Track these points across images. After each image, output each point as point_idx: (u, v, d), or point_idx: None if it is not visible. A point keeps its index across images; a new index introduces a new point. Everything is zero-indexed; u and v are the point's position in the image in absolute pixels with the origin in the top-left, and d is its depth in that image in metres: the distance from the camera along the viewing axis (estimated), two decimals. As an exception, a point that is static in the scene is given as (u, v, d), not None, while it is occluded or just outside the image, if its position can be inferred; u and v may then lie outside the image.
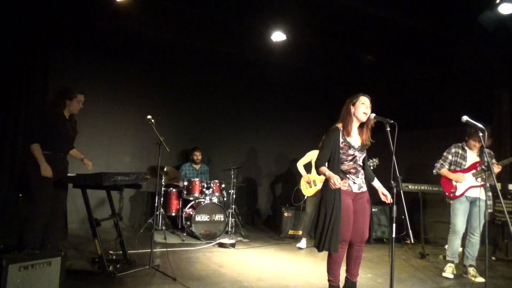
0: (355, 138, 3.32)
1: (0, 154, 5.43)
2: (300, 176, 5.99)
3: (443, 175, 4.56)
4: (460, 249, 4.62)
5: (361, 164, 3.35)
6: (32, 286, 2.80)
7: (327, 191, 3.23)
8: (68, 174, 3.93)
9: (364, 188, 3.35)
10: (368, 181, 3.42)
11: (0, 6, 5.11)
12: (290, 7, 5.28)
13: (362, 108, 3.24)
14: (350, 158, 3.27)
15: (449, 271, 4.39)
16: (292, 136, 8.21)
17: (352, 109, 3.28)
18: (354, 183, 3.28)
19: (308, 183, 5.83)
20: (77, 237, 5.56)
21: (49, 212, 3.87)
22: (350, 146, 3.25)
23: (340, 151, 3.25)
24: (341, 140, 3.25)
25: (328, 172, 3.15)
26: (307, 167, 5.98)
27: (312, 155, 5.94)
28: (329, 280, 3.34)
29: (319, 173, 3.25)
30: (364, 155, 3.37)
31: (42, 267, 2.88)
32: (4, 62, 5.48)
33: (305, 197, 5.93)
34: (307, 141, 7.18)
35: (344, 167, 3.27)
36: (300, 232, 6.18)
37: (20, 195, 4.61)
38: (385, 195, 3.24)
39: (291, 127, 8.25)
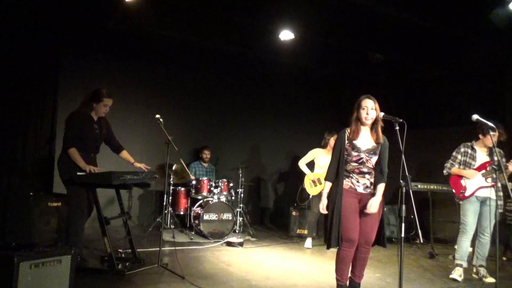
0: (363, 141, 3.29)
1: (11, 152, 5.51)
2: (303, 175, 5.97)
3: (455, 173, 4.50)
4: (470, 249, 4.57)
5: (372, 167, 3.29)
6: (42, 284, 2.83)
7: (330, 191, 3.33)
8: (78, 173, 3.97)
9: (373, 190, 3.31)
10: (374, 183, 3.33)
11: (12, 5, 5.18)
12: (299, 5, 5.27)
13: (363, 113, 3.25)
14: (355, 159, 3.27)
15: (457, 274, 4.31)
16: (300, 135, 8.19)
17: (356, 114, 3.31)
18: (358, 182, 3.27)
19: (313, 182, 5.81)
20: (87, 235, 5.58)
21: (86, 212, 4.03)
22: (354, 148, 3.26)
23: (345, 152, 3.28)
24: (346, 141, 3.29)
25: (324, 195, 3.33)
26: (310, 166, 5.96)
27: (314, 154, 5.91)
28: (337, 279, 3.34)
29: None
30: (376, 158, 3.29)
31: (53, 264, 2.91)
32: (16, 61, 5.55)
33: (310, 196, 5.91)
34: (315, 139, 7.12)
35: (349, 167, 3.30)
36: (306, 231, 6.16)
37: (31, 193, 4.66)
38: (368, 208, 3.20)
39: (299, 126, 8.23)
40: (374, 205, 3.19)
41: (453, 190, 4.53)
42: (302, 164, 5.95)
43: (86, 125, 4.11)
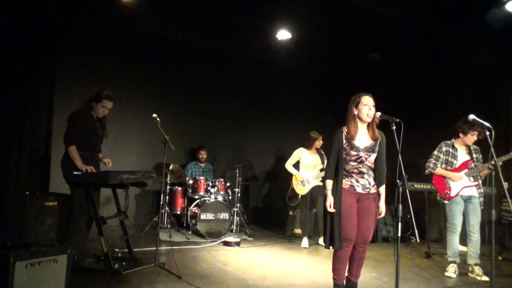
0: (361, 139, 3.29)
1: (7, 151, 5.48)
2: (291, 176, 5.98)
3: (439, 174, 4.52)
4: (464, 248, 4.61)
5: (370, 165, 3.30)
6: (38, 283, 2.82)
7: (331, 191, 3.32)
8: (74, 173, 3.96)
9: (372, 190, 3.31)
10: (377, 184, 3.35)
11: (8, 4, 5.15)
12: (296, 5, 5.27)
13: (365, 110, 3.23)
14: (354, 158, 3.27)
15: (451, 271, 4.39)
16: (298, 134, 8.17)
17: (355, 111, 3.27)
18: (358, 182, 3.28)
19: (301, 181, 5.82)
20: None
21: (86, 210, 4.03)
22: (352, 147, 3.25)
23: (344, 151, 3.28)
24: (344, 141, 3.27)
25: (329, 192, 3.31)
26: (296, 166, 5.99)
27: (299, 154, 5.93)
28: (333, 279, 3.35)
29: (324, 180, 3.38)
30: (375, 155, 3.30)
31: (49, 264, 2.90)
32: (12, 60, 5.52)
33: (299, 196, 5.91)
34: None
35: (348, 166, 3.28)
36: (300, 231, 6.17)
37: (27, 192, 4.63)
38: (380, 212, 3.34)
39: (296, 125, 8.22)
40: (383, 209, 3.34)
41: (437, 191, 4.57)
42: (289, 165, 5.98)
43: (89, 123, 4.13)
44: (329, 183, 3.32)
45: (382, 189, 3.35)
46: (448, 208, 4.49)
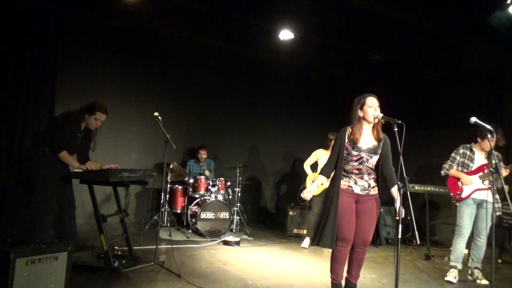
0: (365, 140, 3.26)
1: (8, 149, 5.49)
2: (298, 175, 5.97)
3: (452, 175, 4.51)
4: (466, 251, 4.59)
5: (371, 167, 3.26)
6: (39, 280, 2.83)
7: (328, 190, 3.32)
8: (75, 170, 3.96)
9: (373, 192, 3.29)
10: (387, 186, 3.29)
11: (10, 2, 5.15)
12: (298, 5, 5.27)
13: (371, 111, 3.20)
14: (355, 158, 3.24)
15: (452, 276, 4.34)
16: (298, 134, 8.20)
17: (361, 113, 3.23)
18: (356, 183, 3.25)
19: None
20: (83, 232, 5.58)
21: (56, 207, 3.98)
22: (354, 147, 3.23)
23: (345, 151, 3.25)
24: (346, 140, 3.25)
25: (313, 184, 3.49)
26: (313, 166, 5.96)
27: (317, 155, 5.91)
28: (331, 278, 3.35)
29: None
30: (377, 157, 3.26)
31: (49, 261, 2.90)
32: (13, 59, 5.53)
33: (312, 197, 5.90)
34: (313, 139, 7.15)
35: (348, 166, 3.26)
36: (305, 231, 6.17)
37: (28, 189, 4.66)
38: (397, 213, 2.83)
39: (297, 125, 8.23)
40: (401, 210, 2.83)
41: (450, 191, 4.55)
42: (306, 165, 5.95)
43: (72, 130, 4.10)
44: (320, 178, 3.43)
45: (395, 189, 3.17)
46: (458, 210, 4.46)
